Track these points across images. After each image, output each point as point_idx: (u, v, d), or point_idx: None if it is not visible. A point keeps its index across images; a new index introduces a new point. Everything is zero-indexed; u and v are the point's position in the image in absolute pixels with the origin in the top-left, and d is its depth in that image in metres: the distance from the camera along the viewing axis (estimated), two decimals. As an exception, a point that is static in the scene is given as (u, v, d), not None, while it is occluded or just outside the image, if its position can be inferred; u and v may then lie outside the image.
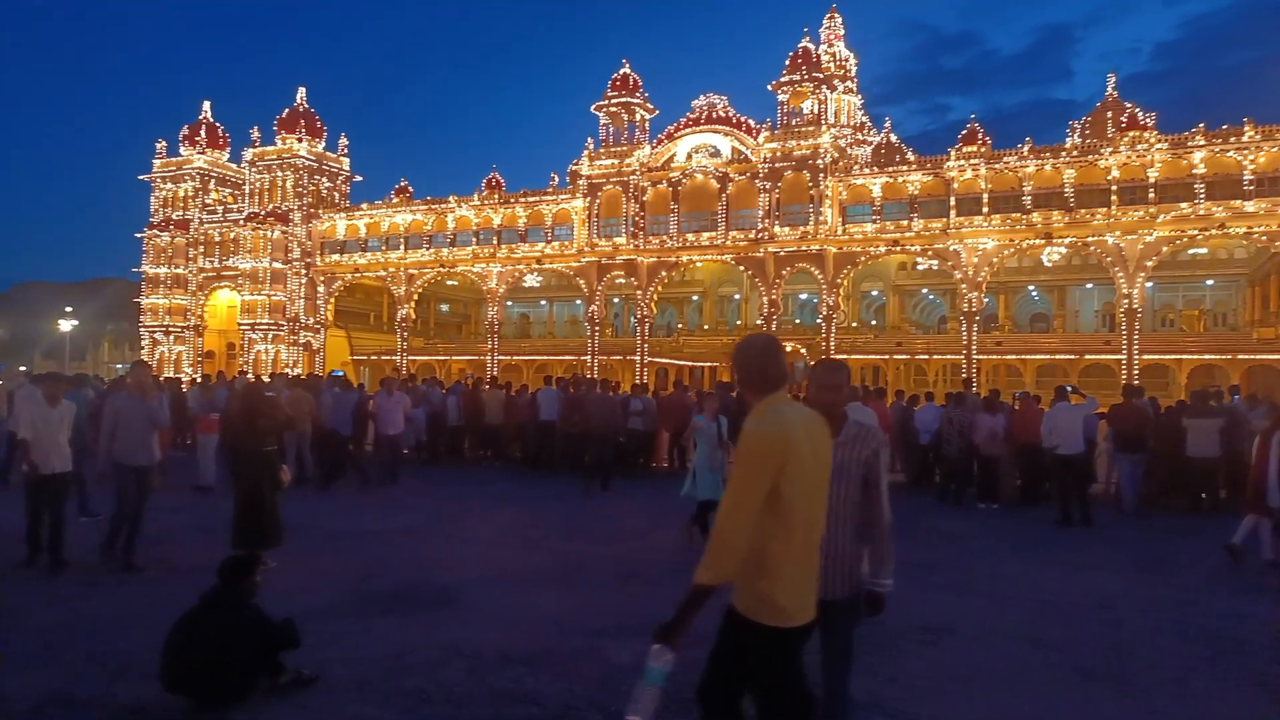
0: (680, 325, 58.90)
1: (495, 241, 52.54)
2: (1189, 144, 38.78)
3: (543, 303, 65.89)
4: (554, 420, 17.84)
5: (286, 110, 58.06)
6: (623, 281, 49.85)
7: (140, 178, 62.45)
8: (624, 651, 6.34)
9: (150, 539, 9.24)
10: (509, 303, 58.49)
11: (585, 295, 50.84)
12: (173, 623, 5.26)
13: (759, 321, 47.91)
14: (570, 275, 51.61)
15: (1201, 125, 39.07)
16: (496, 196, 52.86)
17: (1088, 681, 6.01)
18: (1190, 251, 43.88)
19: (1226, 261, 48.30)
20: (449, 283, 59.57)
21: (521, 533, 11.53)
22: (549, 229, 51.21)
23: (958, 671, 6.18)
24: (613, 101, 48.69)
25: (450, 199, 54.18)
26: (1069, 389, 14.46)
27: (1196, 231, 39.13)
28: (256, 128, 58.16)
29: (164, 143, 62.32)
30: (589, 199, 49.39)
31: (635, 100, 48.51)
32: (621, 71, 48.92)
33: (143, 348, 60.95)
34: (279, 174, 57.24)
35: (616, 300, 58.35)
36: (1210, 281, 50.39)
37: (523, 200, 52.04)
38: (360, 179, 61.26)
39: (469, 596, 7.94)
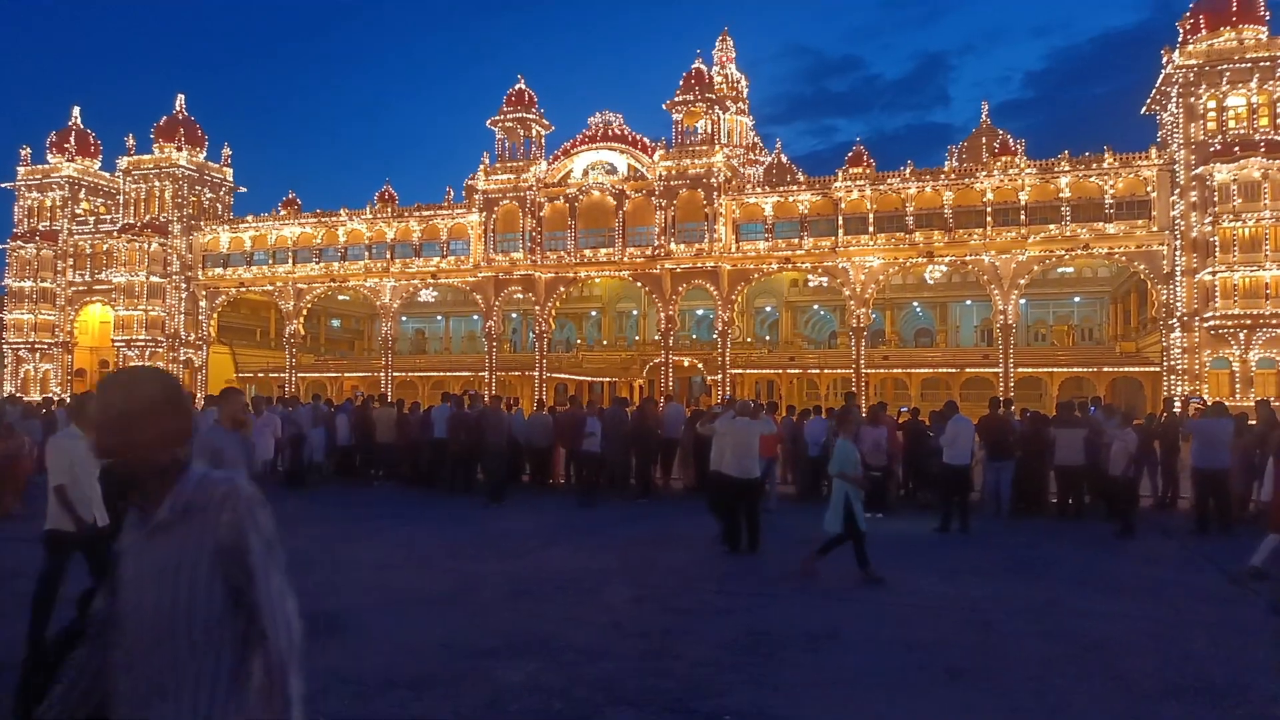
0: (579, 341, 58.97)
1: (389, 256, 51.56)
2: (1055, 169, 41.27)
3: (439, 318, 64.98)
4: (445, 438, 17.60)
5: (165, 118, 55.70)
6: (521, 297, 49.62)
7: (2, 185, 58.74)
8: (513, 671, 6.32)
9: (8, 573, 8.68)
10: (403, 318, 57.38)
11: (482, 310, 50.38)
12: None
13: (657, 337, 48.41)
14: (467, 290, 51.05)
15: (1066, 152, 41.62)
16: (390, 210, 51.94)
17: (956, 681, 6.31)
18: (1059, 270, 46.68)
19: (1091, 280, 51.51)
20: (340, 298, 58.12)
21: (413, 553, 11.33)
22: (444, 243, 50.58)
23: (838, 676, 6.40)
24: (508, 116, 48.54)
25: (341, 212, 52.92)
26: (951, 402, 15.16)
27: (1064, 251, 41.64)
28: (132, 135, 55.60)
29: (29, 149, 58.84)
30: (485, 214, 49.04)
31: (531, 116, 48.50)
32: (517, 87, 48.87)
33: (5, 366, 57.17)
34: (156, 184, 54.76)
35: (515, 315, 58.02)
36: (1077, 299, 53.63)
37: (417, 214, 51.27)
38: (244, 190, 59.29)
39: (356, 621, 7.76)
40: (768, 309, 58.36)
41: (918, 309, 56.76)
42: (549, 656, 6.73)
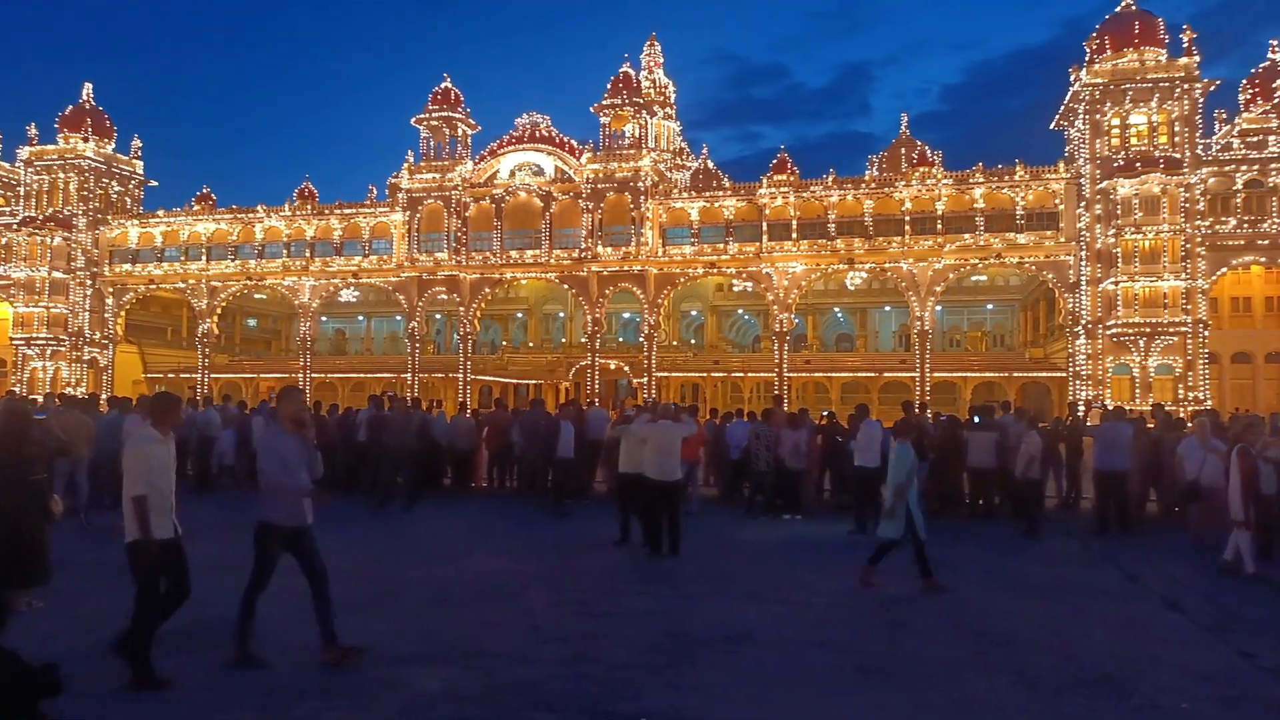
0: (505, 342, 58.48)
1: (308, 254, 50.34)
2: (970, 181, 42.67)
3: (360, 318, 63.66)
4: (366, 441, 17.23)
5: (70, 107, 53.38)
6: (445, 298, 48.99)
7: (-111, 173, 55.49)
8: (430, 678, 6.25)
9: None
10: (323, 318, 56.04)
11: (405, 311, 49.57)
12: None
13: (583, 339, 48.33)
14: (389, 290, 50.17)
15: (980, 164, 43.05)
16: (310, 207, 50.74)
17: (867, 679, 6.47)
18: (973, 278, 48.23)
19: (1004, 288, 53.35)
20: (257, 296, 56.52)
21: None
22: (366, 242, 49.65)
23: (753, 677, 6.49)
24: (434, 115, 47.92)
25: (259, 208, 51.50)
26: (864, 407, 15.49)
27: (977, 260, 43.05)
28: (34, 124, 53.07)
29: (-80, 136, 55.63)
30: (409, 213, 48.29)
31: (457, 115, 47.98)
32: (443, 85, 48.29)
33: (-110, 364, 54.01)
34: (61, 175, 52.40)
35: (439, 316, 57.24)
36: (990, 306, 55.46)
37: (338, 212, 50.21)
38: (156, 184, 57.13)
39: (266, 630, 7.55)
40: (693, 313, 58.83)
41: (839, 314, 57.93)
42: (468, 663, 6.66)
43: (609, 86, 46.74)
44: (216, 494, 17.18)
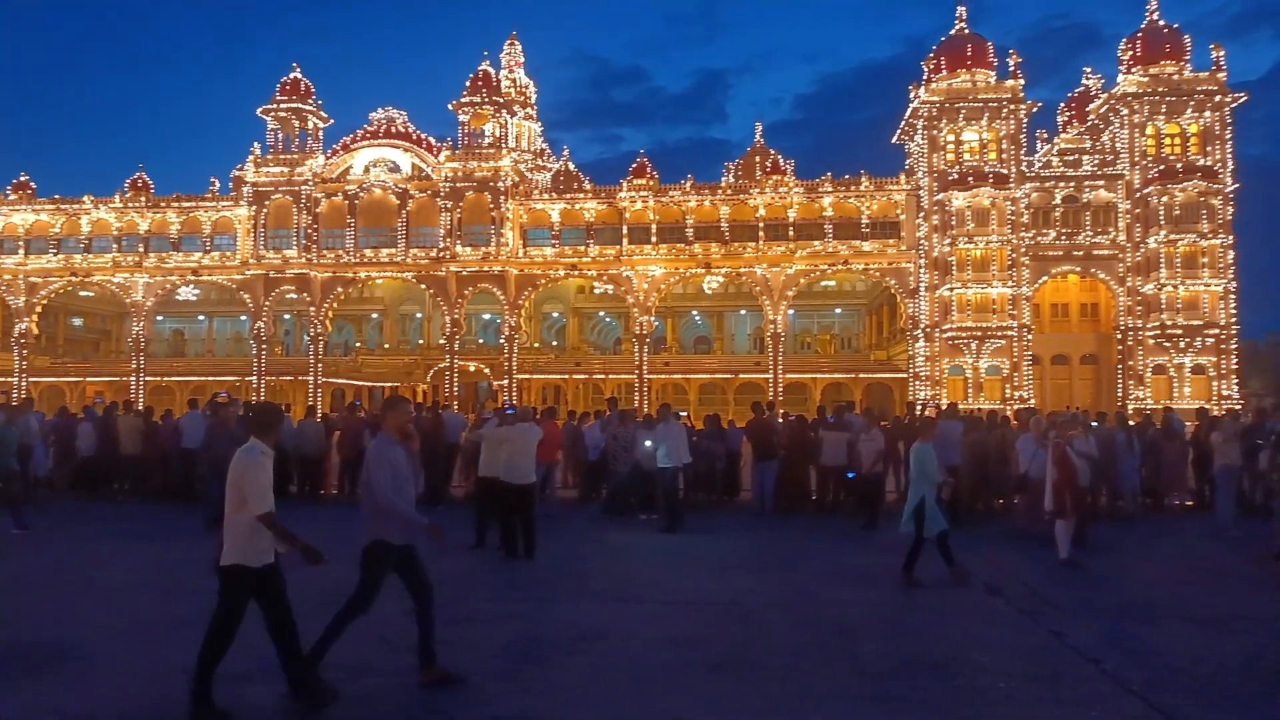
0: (359, 344, 56.60)
1: (142, 249, 47.22)
2: (820, 190, 44.54)
3: (200, 318, 60.11)
4: (196, 448, 16.13)
5: None
6: (294, 297, 47.00)
7: None
8: (267, 695, 6.00)
9: None
10: (159, 317, 52.63)
11: (251, 311, 47.23)
12: None
13: (441, 341, 47.41)
14: (233, 289, 47.69)
15: (829, 174, 45.01)
16: (144, 199, 47.60)
17: (716, 672, 6.65)
18: (822, 284, 50.29)
19: (851, 293, 55.90)
20: (83, 294, 52.57)
21: (159, 574, 10.44)
22: (208, 237, 47.05)
23: (605, 676, 6.56)
24: (282, 106, 45.91)
25: (85, 199, 47.92)
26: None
27: (826, 266, 44.99)
28: None
29: None
30: (255, 207, 46.07)
31: (307, 107, 46.16)
32: (292, 75, 46.36)
33: None
34: None
35: (288, 316, 54.85)
36: (838, 310, 58.00)
37: (176, 205, 47.35)
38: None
39: (91, 651, 7.08)
40: (555, 315, 58.75)
41: (697, 317, 59.18)
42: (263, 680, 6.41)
43: (468, 84, 46.08)
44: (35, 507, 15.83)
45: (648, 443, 14.25)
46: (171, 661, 6.81)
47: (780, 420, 17.75)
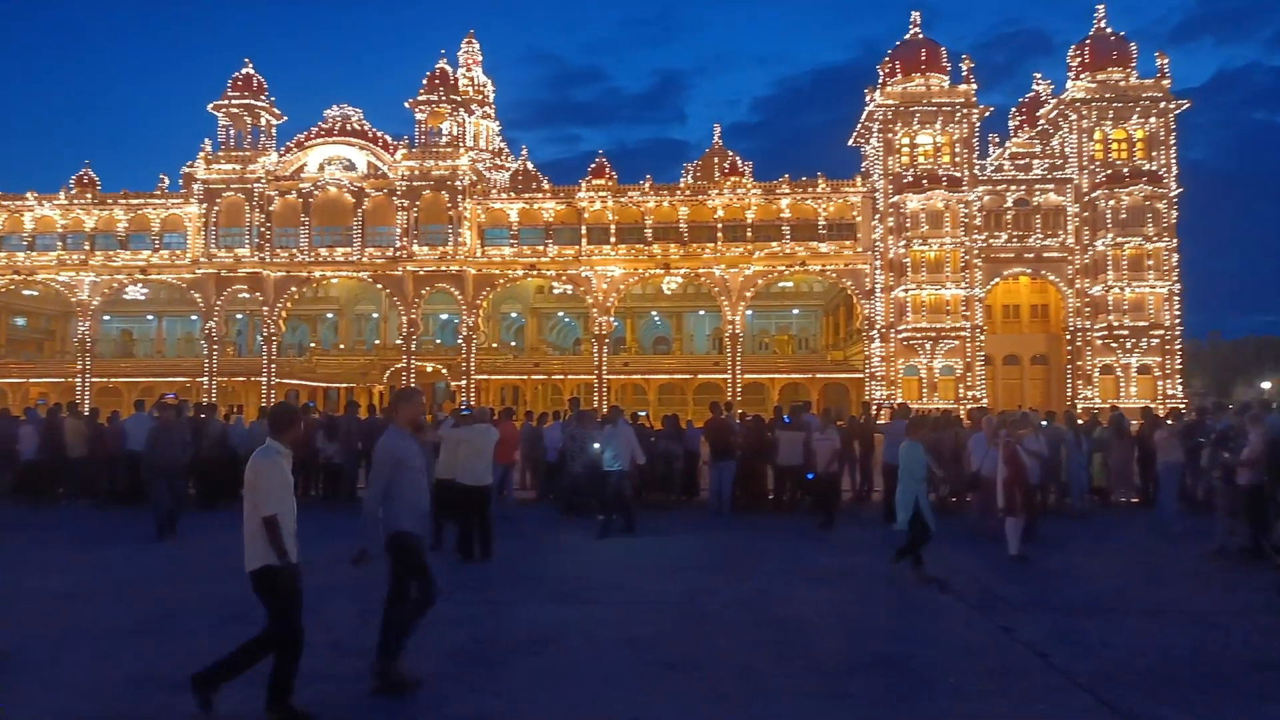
0: (313, 344, 55.76)
1: (88, 247, 46.09)
2: (777, 191, 44.89)
3: (149, 317, 58.73)
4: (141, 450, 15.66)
5: None
6: (247, 296, 46.21)
7: None
8: (215, 703, 5.85)
9: None
10: (106, 317, 51.38)
11: (202, 310, 46.32)
12: None
13: (398, 341, 46.92)
14: (184, 288, 46.75)
15: (787, 176, 45.37)
16: (90, 196, 46.46)
17: (671, 672, 6.65)
18: (780, 284, 50.64)
19: (808, 294, 56.37)
20: (26, 292, 51.15)
21: (106, 580, 10.19)
22: (157, 235, 46.07)
23: (559, 677, 6.53)
24: (234, 102, 45.11)
25: (28, 195, 46.64)
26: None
27: (784, 267, 45.33)
28: None
29: None
30: (206, 205, 45.20)
31: (260, 103, 45.41)
32: (244, 71, 45.58)
33: None
34: None
35: (240, 316, 53.89)
36: (796, 311, 58.46)
37: (124, 202, 46.29)
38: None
39: (30, 660, 6.88)
40: (513, 315, 58.43)
41: (656, 318, 59.26)
42: (259, 684, 6.29)
43: (425, 82, 45.67)
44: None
45: (596, 445, 14.19)
46: (118, 670, 6.66)
47: (738, 420, 17.82)
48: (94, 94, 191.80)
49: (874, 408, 25.18)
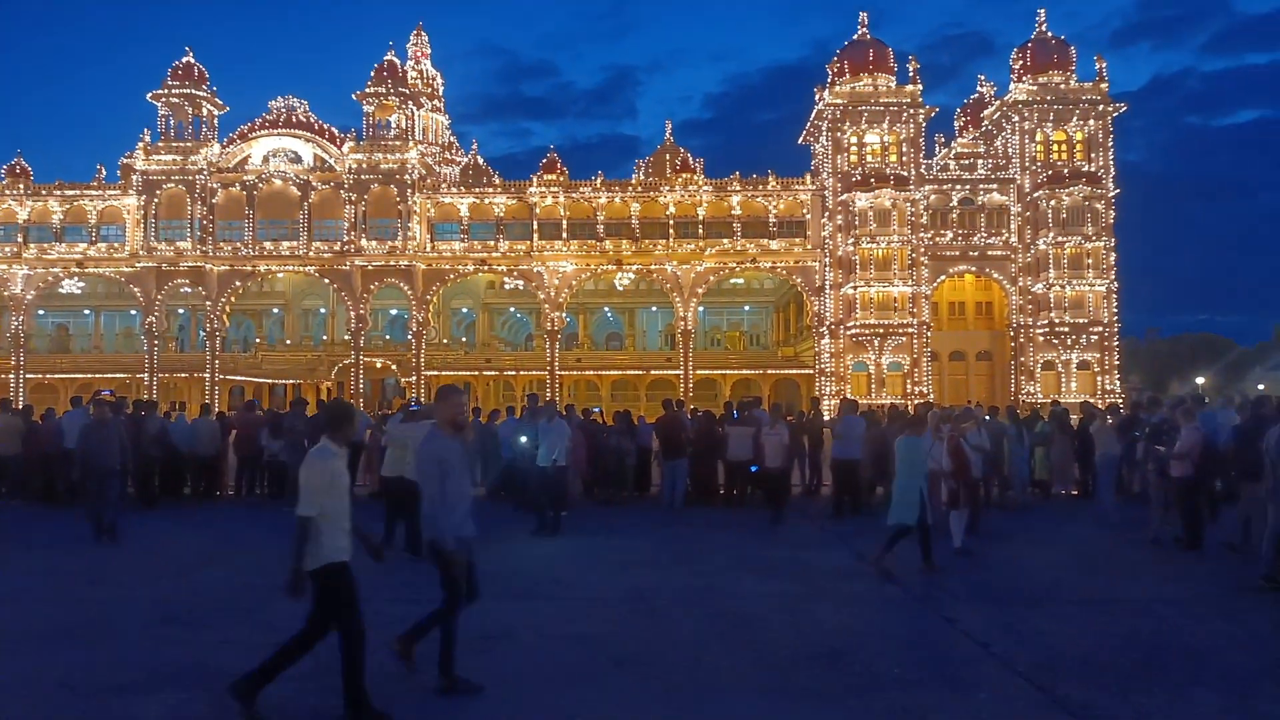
0: (259, 340, 54.68)
1: (20, 239, 44.61)
2: (728, 189, 45.13)
3: (86, 312, 57.02)
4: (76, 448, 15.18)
5: None
6: (189, 290, 45.19)
7: None
8: (151, 705, 5.74)
9: None
10: (40, 311, 49.79)
11: (142, 304, 45.15)
12: None
13: (346, 336, 46.23)
14: (122, 282, 45.52)
15: (737, 173, 45.67)
16: (23, 186, 44.96)
17: (621, 668, 6.66)
18: (731, 281, 50.96)
19: (759, 291, 56.79)
20: (-46, 286, 49.30)
21: (38, 582, 9.89)
22: (93, 228, 44.78)
23: (509, 675, 6.50)
24: (174, 91, 44.03)
25: (-44, 185, 44.88)
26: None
27: (735, 264, 45.61)
28: None
29: None
30: (145, 197, 44.04)
31: (201, 93, 44.38)
32: (185, 60, 44.49)
33: None
34: None
35: (182, 311, 52.65)
36: (747, 307, 58.85)
37: (58, 193, 44.89)
38: None
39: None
40: (464, 310, 57.92)
41: (608, 314, 59.20)
42: (197, 685, 6.18)
43: (373, 74, 45.03)
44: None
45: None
46: (50, 674, 6.46)
47: (690, 416, 17.89)
48: (27, 82, 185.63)
49: (825, 404, 25.48)
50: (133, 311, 50.06)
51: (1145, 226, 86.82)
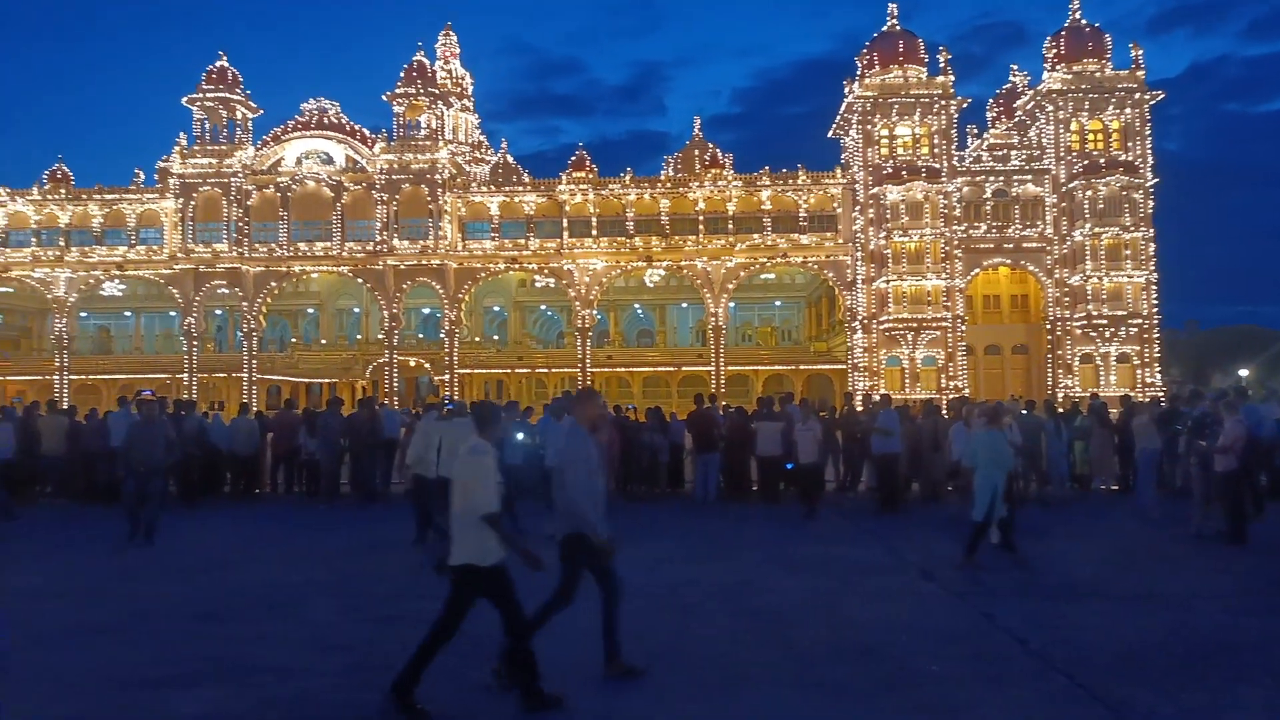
0: (294, 339, 55.39)
1: (63, 243, 45.52)
2: (758, 183, 44.87)
3: (127, 314, 58.13)
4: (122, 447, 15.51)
5: None
6: (226, 292, 45.84)
7: None
8: (190, 701, 5.82)
9: None
10: (83, 313, 50.83)
11: (180, 306, 45.89)
12: None
13: (380, 336, 46.67)
14: (161, 284, 46.30)
15: (767, 168, 45.38)
16: (64, 191, 45.89)
17: (655, 665, 6.62)
18: (762, 276, 50.70)
19: (790, 286, 56.44)
20: (1, 289, 50.40)
21: (80, 579, 10.10)
22: (133, 231, 45.58)
23: (544, 671, 6.49)
24: (209, 95, 44.65)
25: (1, 191, 45.91)
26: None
27: (765, 259, 45.35)
28: None
29: None
30: (182, 200, 44.74)
31: (235, 96, 44.96)
32: (219, 64, 45.10)
33: None
34: None
35: (219, 312, 53.47)
36: (779, 303, 58.52)
37: (98, 197, 45.74)
38: None
39: (7, 659, 6.76)
40: (496, 308, 58.22)
41: (639, 310, 59.19)
42: (236, 680, 6.26)
43: (403, 75, 45.36)
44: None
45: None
46: (91, 668, 6.59)
47: (722, 412, 17.85)
48: (65, 88, 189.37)
49: (860, 400, 25.28)
50: (172, 313, 50.89)
51: (1185, 216, 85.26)
